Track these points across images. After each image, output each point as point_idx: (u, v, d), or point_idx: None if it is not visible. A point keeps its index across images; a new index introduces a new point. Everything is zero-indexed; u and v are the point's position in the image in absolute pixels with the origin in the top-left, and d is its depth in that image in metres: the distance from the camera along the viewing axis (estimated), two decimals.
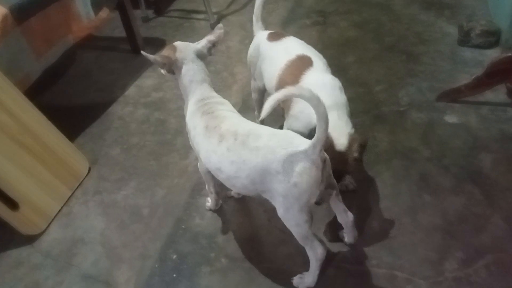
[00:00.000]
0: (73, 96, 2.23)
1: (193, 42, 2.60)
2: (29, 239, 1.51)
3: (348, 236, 1.34)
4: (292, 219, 1.10)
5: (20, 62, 1.66)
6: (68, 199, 1.64)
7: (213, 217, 1.51)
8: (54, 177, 1.62)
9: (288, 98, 1.12)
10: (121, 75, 2.34)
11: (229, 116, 1.20)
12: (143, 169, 1.74)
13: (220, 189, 1.47)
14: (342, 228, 1.34)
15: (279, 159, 1.03)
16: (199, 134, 1.21)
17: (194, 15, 2.87)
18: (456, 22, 2.30)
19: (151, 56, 1.24)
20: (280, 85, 1.41)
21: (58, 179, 1.63)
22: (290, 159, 1.02)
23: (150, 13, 2.89)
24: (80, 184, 1.70)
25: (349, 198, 1.38)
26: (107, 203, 1.62)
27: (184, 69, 1.27)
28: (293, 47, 1.50)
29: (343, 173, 1.35)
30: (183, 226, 1.49)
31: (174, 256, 1.39)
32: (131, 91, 2.21)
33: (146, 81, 2.27)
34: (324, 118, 0.96)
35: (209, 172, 1.32)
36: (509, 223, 1.36)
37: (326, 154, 1.06)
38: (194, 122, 1.24)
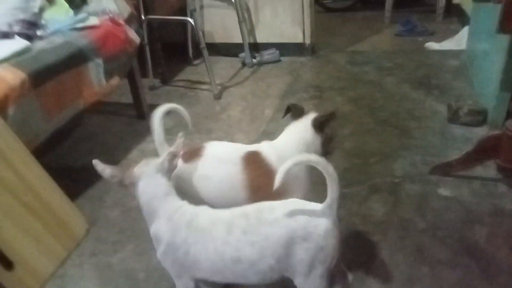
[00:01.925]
0: (77, 157, 2.29)
1: (195, 111, 2.75)
2: None
3: None
4: (312, 285, 1.08)
5: (31, 123, 1.74)
6: (64, 260, 1.62)
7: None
8: (52, 237, 1.61)
9: (298, 165, 1.06)
10: (125, 139, 2.42)
11: (216, 210, 1.14)
12: (141, 232, 1.74)
13: None
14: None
15: (303, 225, 1.03)
16: (196, 243, 1.10)
17: (198, 86, 3.04)
18: (445, 101, 2.46)
19: (99, 166, 1.17)
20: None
21: (55, 240, 1.63)
22: (313, 224, 1.03)
23: (157, 82, 3.06)
24: (77, 245, 1.69)
25: (347, 268, 1.38)
26: (103, 266, 1.59)
27: (141, 186, 1.18)
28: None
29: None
30: None
31: None
32: (134, 154, 2.28)
33: (149, 145, 2.34)
34: (334, 178, 1.00)
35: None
36: None
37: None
38: (181, 237, 1.11)
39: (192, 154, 1.36)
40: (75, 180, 2.05)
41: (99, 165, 1.17)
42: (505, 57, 2.04)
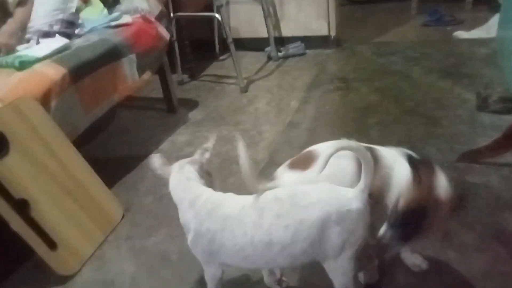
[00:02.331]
0: (112, 149, 2.41)
1: (223, 104, 2.83)
2: (63, 280, 1.57)
3: (366, 275, 1.35)
4: (341, 267, 1.10)
5: (71, 116, 1.85)
6: (102, 243, 1.72)
7: None
8: (90, 221, 1.72)
9: (339, 151, 1.05)
10: (156, 131, 2.52)
11: (243, 196, 1.15)
12: (173, 217, 1.80)
13: None
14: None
15: (336, 209, 1.05)
16: (222, 230, 1.12)
17: (225, 80, 3.11)
18: (474, 90, 2.42)
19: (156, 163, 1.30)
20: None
21: (94, 223, 1.73)
22: (346, 208, 1.05)
23: (185, 77, 3.16)
24: (113, 229, 1.79)
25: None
26: (138, 248, 1.69)
27: (172, 174, 1.28)
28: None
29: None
30: None
31: None
32: (165, 146, 2.37)
33: (180, 137, 2.44)
34: (370, 165, 1.04)
35: (221, 278, 1.28)
36: None
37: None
38: (204, 225, 1.15)
39: (305, 160, 1.24)
40: (111, 170, 2.16)
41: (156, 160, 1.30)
42: None
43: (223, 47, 3.36)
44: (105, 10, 2.25)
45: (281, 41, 3.44)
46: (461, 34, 3.28)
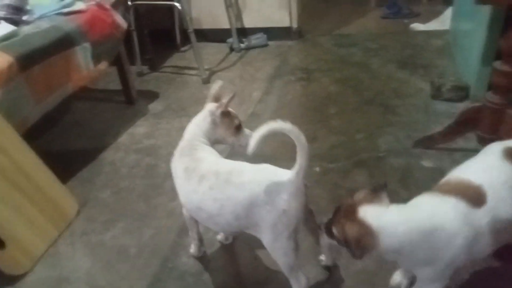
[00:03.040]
0: (66, 142, 2.31)
1: (184, 95, 2.77)
2: (12, 280, 1.50)
3: (326, 258, 1.39)
4: (281, 248, 1.14)
5: (20, 106, 1.75)
6: (56, 239, 1.65)
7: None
8: (42, 218, 1.64)
9: (271, 133, 1.07)
10: (114, 124, 2.44)
11: (207, 156, 1.25)
12: (131, 211, 1.78)
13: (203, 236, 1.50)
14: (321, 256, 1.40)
15: (266, 190, 1.09)
16: (178, 177, 1.26)
17: (187, 71, 3.06)
18: (429, 80, 2.50)
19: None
20: None
21: (46, 220, 1.65)
22: (277, 189, 1.09)
23: (145, 68, 3.07)
24: (68, 225, 1.72)
25: None
26: (94, 243, 1.63)
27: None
28: None
29: None
30: (169, 265, 1.50)
31: None
32: (123, 138, 2.30)
33: (139, 129, 2.37)
34: (304, 147, 1.05)
35: (192, 217, 1.37)
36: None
37: (305, 181, 1.13)
38: (173, 164, 1.30)
39: None
40: (66, 164, 2.07)
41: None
42: (485, 33, 2.09)
43: (185, 38, 3.29)
44: None
45: (244, 32, 3.41)
46: (418, 26, 3.38)
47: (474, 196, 1.05)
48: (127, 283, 1.45)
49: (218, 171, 1.17)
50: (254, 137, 1.03)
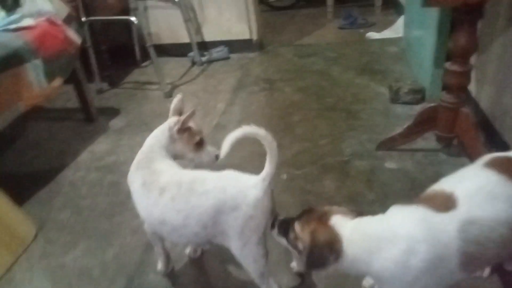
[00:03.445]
0: (22, 163, 2.19)
1: (146, 110, 2.72)
2: None
3: (297, 264, 1.37)
4: (250, 254, 1.11)
5: None
6: (11, 265, 1.54)
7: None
8: None
9: (244, 137, 1.06)
10: (73, 142, 2.35)
11: (166, 169, 1.21)
12: (93, 229, 1.70)
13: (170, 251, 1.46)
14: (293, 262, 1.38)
15: (231, 196, 1.07)
16: (136, 191, 1.21)
17: (148, 86, 3.01)
18: (387, 84, 2.57)
19: None
20: None
21: (1, 246, 1.55)
22: (243, 194, 1.07)
23: (104, 85, 2.99)
24: (25, 249, 1.61)
25: None
26: (54, 266, 1.53)
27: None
28: None
29: None
30: (136, 283, 1.43)
31: None
32: (83, 156, 2.21)
33: (99, 146, 2.29)
34: (274, 153, 1.05)
35: (155, 233, 1.32)
36: None
37: (271, 186, 1.12)
38: (130, 178, 1.25)
39: None
40: (21, 186, 1.97)
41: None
42: (435, 37, 2.19)
43: (144, 54, 3.24)
44: (2, 13, 2.05)
45: (204, 46, 3.41)
46: (373, 35, 3.50)
47: (442, 203, 0.99)
48: None
49: (180, 181, 1.14)
50: (227, 140, 1.03)
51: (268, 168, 1.07)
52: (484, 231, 0.95)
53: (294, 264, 1.40)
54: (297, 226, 1.05)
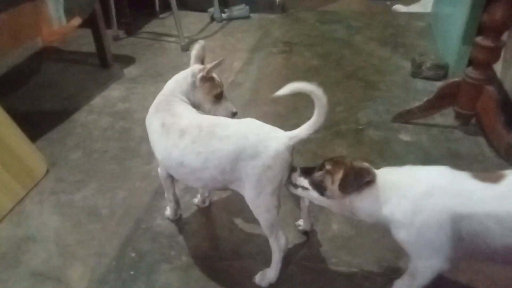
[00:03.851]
0: (36, 102, 2.19)
1: (162, 61, 2.68)
2: None
3: (304, 222, 1.38)
4: (263, 204, 1.11)
5: None
6: (22, 198, 1.57)
7: None
8: (9, 175, 1.55)
9: (304, 92, 1.09)
10: (87, 86, 2.33)
11: (186, 113, 1.21)
12: (104, 172, 1.71)
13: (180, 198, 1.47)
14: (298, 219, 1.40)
15: (252, 144, 1.06)
16: (155, 132, 1.20)
17: (165, 38, 2.95)
18: (409, 59, 2.51)
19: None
20: None
21: (12, 177, 1.56)
22: (264, 144, 1.06)
23: (121, 33, 2.94)
24: (36, 184, 1.63)
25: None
26: (64, 203, 1.56)
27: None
28: None
29: None
30: (143, 226, 1.45)
31: (133, 254, 1.35)
32: (97, 101, 2.20)
33: (113, 92, 2.27)
34: (320, 118, 1.06)
35: (168, 177, 1.33)
36: None
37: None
38: (149, 120, 1.24)
39: None
40: (34, 124, 1.97)
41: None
42: (468, 11, 2.11)
43: (164, 5, 3.17)
44: None
45: (225, 3, 3.31)
46: (400, 7, 3.38)
47: (488, 177, 0.98)
48: (97, 243, 1.39)
49: (201, 124, 1.13)
50: (285, 89, 1.06)
51: (305, 129, 1.08)
52: (495, 214, 0.92)
53: (301, 222, 1.41)
54: (328, 164, 1.07)
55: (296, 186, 1.13)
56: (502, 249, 0.94)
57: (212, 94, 1.31)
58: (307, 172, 1.12)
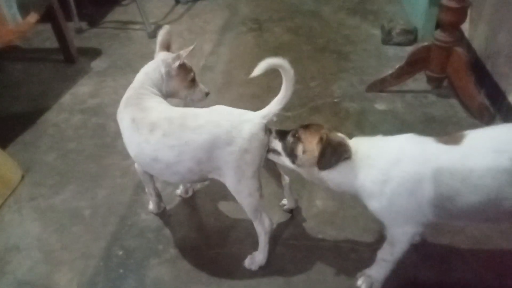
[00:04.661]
0: (1, 106, 2.10)
1: (130, 51, 2.60)
2: None
3: (288, 201, 1.40)
4: (246, 189, 1.11)
5: None
6: None
7: None
8: None
9: (273, 67, 1.10)
10: (53, 84, 2.25)
11: (156, 106, 1.18)
12: (82, 172, 1.67)
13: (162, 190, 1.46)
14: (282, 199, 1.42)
15: (226, 130, 1.05)
16: (126, 128, 1.17)
17: (131, 26, 2.85)
18: (379, 25, 2.51)
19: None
20: None
21: None
22: (238, 128, 1.05)
23: (84, 24, 2.83)
24: (12, 192, 1.59)
25: (292, 181, 1.42)
26: (44, 208, 1.52)
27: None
28: None
29: None
30: (128, 223, 1.44)
31: (120, 253, 1.34)
32: (66, 99, 2.13)
33: (82, 88, 2.20)
34: (287, 95, 1.08)
35: (146, 172, 1.31)
36: None
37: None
38: (120, 115, 1.21)
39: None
40: (4, 128, 1.90)
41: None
42: None
43: None
44: None
45: None
46: None
47: (452, 139, 1.00)
48: (83, 245, 1.38)
49: (171, 116, 1.11)
50: (258, 68, 1.06)
51: (275, 104, 1.08)
52: (459, 174, 0.94)
53: (285, 202, 1.42)
54: (301, 131, 1.09)
55: (269, 150, 1.13)
56: (468, 208, 0.97)
57: (188, 80, 1.29)
58: (281, 135, 1.13)
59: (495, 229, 1.29)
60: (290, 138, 1.10)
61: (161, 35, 1.31)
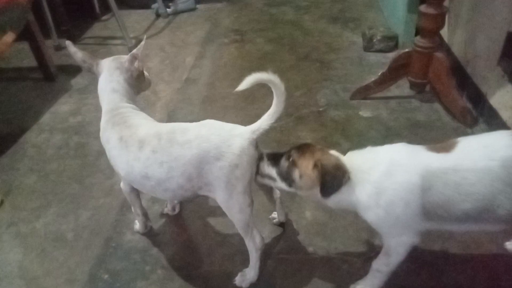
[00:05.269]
0: None
1: None
2: None
3: (278, 215, 1.38)
4: (237, 204, 1.08)
5: None
6: None
7: None
8: None
9: (261, 82, 1.06)
10: (33, 103, 2.20)
11: (143, 122, 1.16)
12: (64, 193, 1.62)
13: (147, 209, 1.42)
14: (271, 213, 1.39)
15: (215, 145, 1.03)
16: (114, 148, 1.14)
17: (111, 41, 2.83)
18: (360, 32, 2.53)
19: (72, 49, 1.25)
20: None
21: None
22: (227, 143, 1.03)
23: (62, 41, 2.78)
24: None
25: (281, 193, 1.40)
26: (25, 233, 1.47)
27: (100, 78, 1.25)
28: None
29: None
30: (113, 244, 1.40)
31: (106, 276, 1.29)
32: (46, 118, 2.08)
33: (62, 107, 2.16)
34: (278, 111, 1.04)
35: (132, 191, 1.29)
36: None
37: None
38: (106, 135, 1.17)
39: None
40: None
41: (71, 48, 1.24)
42: None
43: (104, 6, 3.02)
44: None
45: None
46: None
47: (444, 147, 1.00)
48: (66, 269, 1.32)
49: (159, 132, 1.08)
50: (244, 83, 1.03)
51: (266, 119, 1.06)
52: (452, 182, 0.94)
53: (275, 215, 1.40)
54: (295, 155, 1.05)
55: (263, 175, 1.11)
56: (462, 215, 0.96)
57: (141, 71, 1.29)
58: (274, 159, 1.10)
59: (485, 234, 1.29)
60: (284, 163, 1.07)
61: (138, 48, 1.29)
